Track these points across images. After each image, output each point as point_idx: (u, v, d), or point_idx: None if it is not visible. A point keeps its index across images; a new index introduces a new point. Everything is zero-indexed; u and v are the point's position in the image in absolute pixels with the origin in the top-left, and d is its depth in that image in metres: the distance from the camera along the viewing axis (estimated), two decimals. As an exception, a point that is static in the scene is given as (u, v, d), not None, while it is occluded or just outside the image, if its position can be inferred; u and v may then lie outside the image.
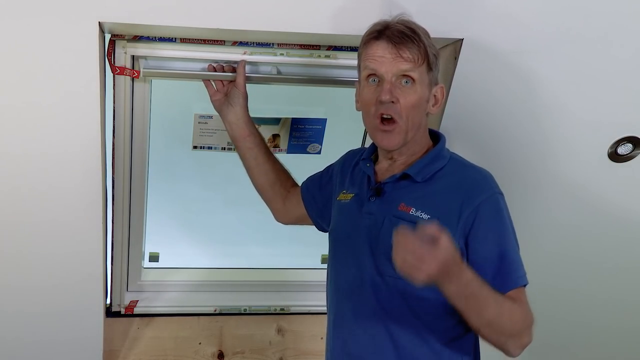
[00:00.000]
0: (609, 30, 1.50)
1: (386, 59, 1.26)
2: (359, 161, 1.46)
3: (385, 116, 1.28)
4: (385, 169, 1.38)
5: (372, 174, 1.39)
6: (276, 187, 1.62)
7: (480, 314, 1.16)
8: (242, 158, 1.62)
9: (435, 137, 1.40)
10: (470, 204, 1.25)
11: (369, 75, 1.29)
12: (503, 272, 1.23)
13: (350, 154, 1.55)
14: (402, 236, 1.06)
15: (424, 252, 1.03)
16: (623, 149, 1.72)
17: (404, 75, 1.26)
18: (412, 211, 1.28)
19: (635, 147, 1.72)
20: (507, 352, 1.23)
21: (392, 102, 1.26)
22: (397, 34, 1.25)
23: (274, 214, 1.68)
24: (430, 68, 1.28)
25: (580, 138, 1.70)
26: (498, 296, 1.17)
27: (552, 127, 1.68)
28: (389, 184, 1.34)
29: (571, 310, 2.13)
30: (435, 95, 1.33)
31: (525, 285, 1.26)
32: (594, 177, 1.78)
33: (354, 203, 1.40)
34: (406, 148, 1.34)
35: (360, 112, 1.36)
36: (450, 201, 1.26)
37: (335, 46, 1.60)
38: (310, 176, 1.63)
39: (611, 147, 1.72)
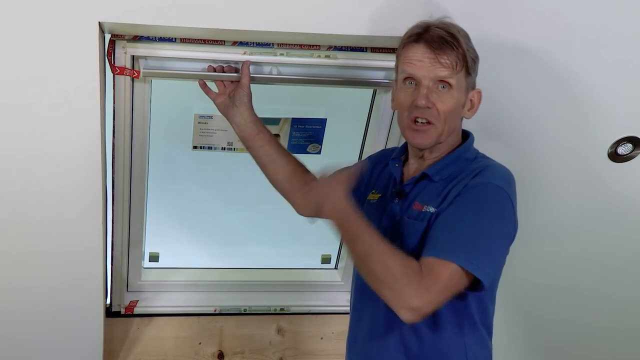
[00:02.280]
0: (609, 30, 1.50)
1: (424, 64, 1.24)
2: (389, 161, 1.46)
3: (419, 120, 1.27)
4: (414, 169, 1.38)
5: (399, 175, 1.39)
6: (294, 182, 1.59)
7: (351, 247, 1.20)
8: (255, 157, 1.60)
9: (465, 135, 1.38)
10: (466, 184, 1.24)
11: (406, 78, 1.28)
12: (440, 240, 1.18)
13: (385, 152, 1.55)
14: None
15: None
16: (623, 149, 1.72)
17: (441, 81, 1.25)
18: (425, 208, 1.28)
19: (635, 147, 1.72)
20: (393, 308, 1.13)
21: (428, 107, 1.25)
22: (437, 38, 1.23)
23: (295, 207, 1.63)
24: (468, 73, 1.27)
25: (580, 138, 1.70)
26: (379, 241, 1.15)
27: (552, 127, 1.68)
28: (409, 185, 1.35)
29: (570, 310, 2.13)
30: (471, 100, 1.32)
31: (460, 266, 1.14)
32: (594, 177, 1.78)
33: (379, 204, 1.41)
34: (437, 148, 1.33)
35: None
36: (455, 189, 1.25)
37: (335, 46, 1.60)
38: (339, 170, 1.62)
39: (611, 147, 1.72)
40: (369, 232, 1.18)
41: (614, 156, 1.73)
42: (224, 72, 1.57)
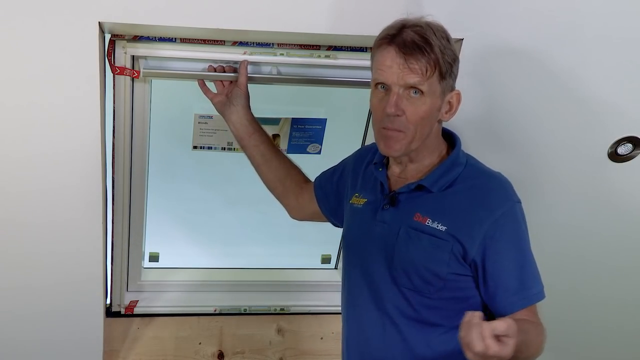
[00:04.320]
0: (608, 30, 1.50)
1: (394, 70, 1.20)
2: (370, 162, 1.43)
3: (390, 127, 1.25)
4: (397, 174, 1.36)
5: (385, 181, 1.36)
6: (287, 183, 1.61)
7: (524, 357, 1.16)
8: (250, 157, 1.61)
9: (449, 137, 1.36)
10: (490, 216, 1.23)
11: (378, 83, 1.25)
12: (525, 287, 1.24)
13: (363, 151, 1.52)
14: (476, 320, 1.02)
15: (496, 350, 0.99)
16: (623, 149, 1.72)
17: (412, 87, 1.21)
18: (429, 222, 1.27)
19: (635, 147, 1.72)
20: None
21: (398, 115, 1.22)
22: (409, 43, 1.19)
23: (287, 210, 1.66)
24: (442, 77, 1.22)
25: (580, 138, 1.70)
26: (531, 331, 1.19)
27: (551, 127, 1.68)
28: (403, 194, 1.32)
29: (570, 310, 2.13)
30: (449, 102, 1.28)
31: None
32: (594, 177, 1.78)
33: (367, 209, 1.38)
34: (415, 155, 1.31)
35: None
36: (468, 213, 1.24)
37: (335, 46, 1.60)
38: (323, 172, 1.62)
39: (611, 147, 1.72)
40: (529, 336, 1.17)
41: (614, 156, 1.73)
42: (224, 72, 1.57)
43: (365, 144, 1.88)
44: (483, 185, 1.28)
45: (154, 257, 2.08)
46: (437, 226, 1.26)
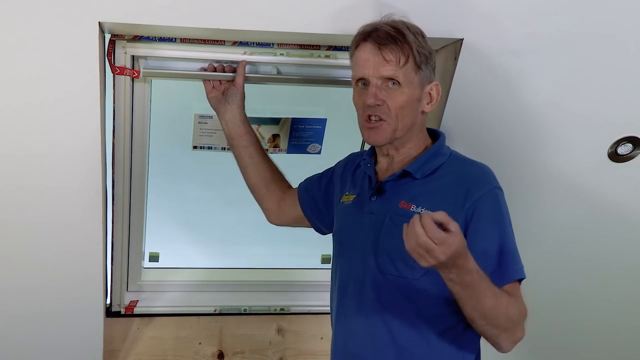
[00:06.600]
0: (608, 30, 1.50)
1: (370, 63, 1.28)
2: (360, 163, 1.47)
3: (372, 117, 1.30)
4: (385, 168, 1.39)
5: (373, 174, 1.40)
6: (271, 187, 1.63)
7: (476, 305, 1.17)
8: (238, 157, 1.63)
9: (435, 135, 1.41)
10: (470, 198, 1.26)
11: (358, 80, 1.32)
12: (502, 265, 1.24)
13: (352, 157, 1.56)
14: (415, 220, 1.06)
15: (440, 237, 1.04)
16: (623, 149, 1.72)
17: (389, 78, 1.27)
18: (413, 208, 1.30)
19: (635, 147, 1.72)
20: (499, 347, 1.24)
21: (378, 104, 1.28)
22: (383, 35, 1.26)
23: (266, 215, 1.68)
24: (418, 67, 1.28)
25: (580, 138, 1.70)
26: (496, 289, 1.19)
27: (552, 127, 1.68)
28: (389, 182, 1.35)
29: (570, 310, 2.13)
30: (430, 94, 1.33)
31: (521, 280, 1.27)
32: (594, 177, 1.78)
33: (356, 203, 1.41)
34: (401, 145, 1.35)
35: (354, 114, 1.39)
36: (450, 196, 1.28)
37: (335, 46, 1.60)
38: (308, 178, 1.64)
39: (611, 147, 1.72)
40: (493, 286, 1.18)
41: (614, 156, 1.73)
42: (224, 70, 1.58)
43: (365, 144, 1.89)
44: (464, 171, 1.33)
45: (154, 257, 2.08)
46: (421, 211, 1.28)
